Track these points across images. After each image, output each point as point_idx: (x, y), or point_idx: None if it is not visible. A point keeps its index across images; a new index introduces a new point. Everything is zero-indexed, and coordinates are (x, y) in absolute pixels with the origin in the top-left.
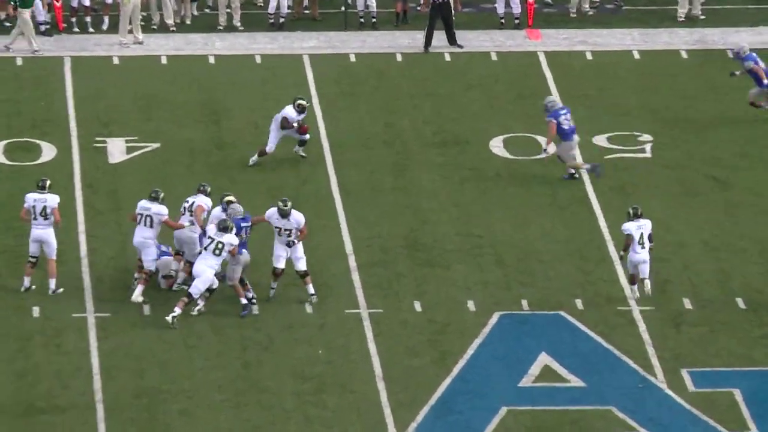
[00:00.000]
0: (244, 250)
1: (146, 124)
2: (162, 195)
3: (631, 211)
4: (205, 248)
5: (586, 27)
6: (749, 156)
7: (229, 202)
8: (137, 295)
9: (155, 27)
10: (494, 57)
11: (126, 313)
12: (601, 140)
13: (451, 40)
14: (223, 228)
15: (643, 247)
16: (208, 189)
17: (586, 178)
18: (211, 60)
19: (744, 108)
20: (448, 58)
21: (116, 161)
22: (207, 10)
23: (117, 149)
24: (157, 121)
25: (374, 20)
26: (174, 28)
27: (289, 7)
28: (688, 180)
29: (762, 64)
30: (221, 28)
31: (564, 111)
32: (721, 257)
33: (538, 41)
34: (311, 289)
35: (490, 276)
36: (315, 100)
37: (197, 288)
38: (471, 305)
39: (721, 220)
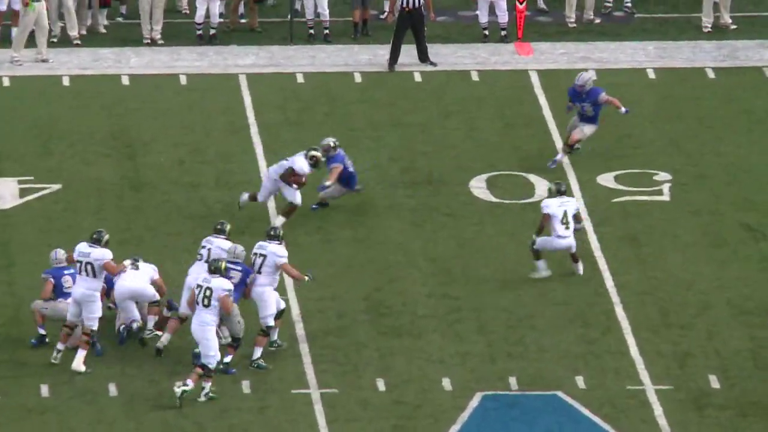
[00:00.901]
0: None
1: (44, 160)
2: (106, 237)
3: (553, 187)
4: (197, 301)
5: (590, 40)
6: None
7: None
8: (78, 363)
9: (55, 40)
10: (476, 77)
11: (20, 397)
12: (607, 180)
13: (423, 56)
14: (214, 270)
15: (567, 228)
16: (227, 228)
17: (588, 226)
18: (125, 80)
19: None
20: (418, 78)
21: (7, 206)
22: (120, 19)
23: (8, 191)
24: (58, 157)
25: (327, 32)
26: (78, 42)
27: (221, 16)
28: (714, 228)
29: None
30: (148, 40)
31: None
32: (754, 323)
33: (530, 57)
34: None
35: (471, 347)
36: (253, 130)
37: (211, 357)
38: (447, 383)
39: (754, 277)
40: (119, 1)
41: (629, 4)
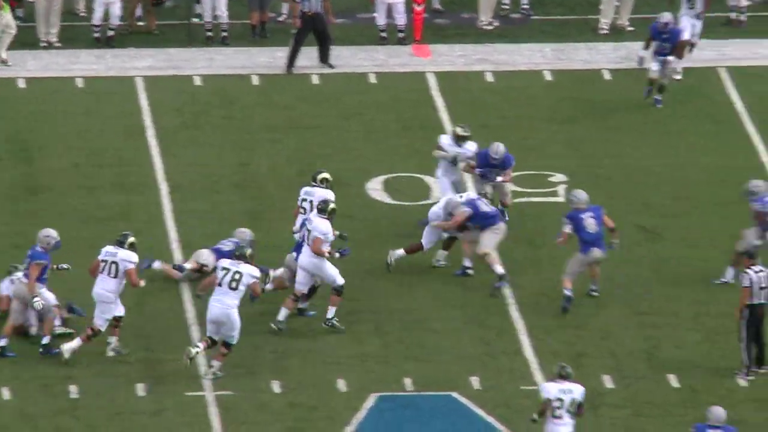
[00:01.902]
0: None
1: None
2: (131, 239)
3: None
4: (219, 283)
5: (487, 42)
6: (685, 199)
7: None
8: (68, 349)
9: None
10: (373, 79)
11: None
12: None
13: (324, 57)
14: (239, 255)
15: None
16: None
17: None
18: (21, 84)
19: (681, 141)
20: (316, 80)
21: None
22: (17, 22)
23: None
24: None
25: (225, 34)
26: None
27: (119, 18)
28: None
29: None
30: (44, 44)
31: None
32: (648, 323)
33: (428, 59)
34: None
35: (367, 348)
36: (150, 132)
37: (234, 337)
38: (342, 385)
39: (649, 278)
40: (15, 4)
41: (526, 6)
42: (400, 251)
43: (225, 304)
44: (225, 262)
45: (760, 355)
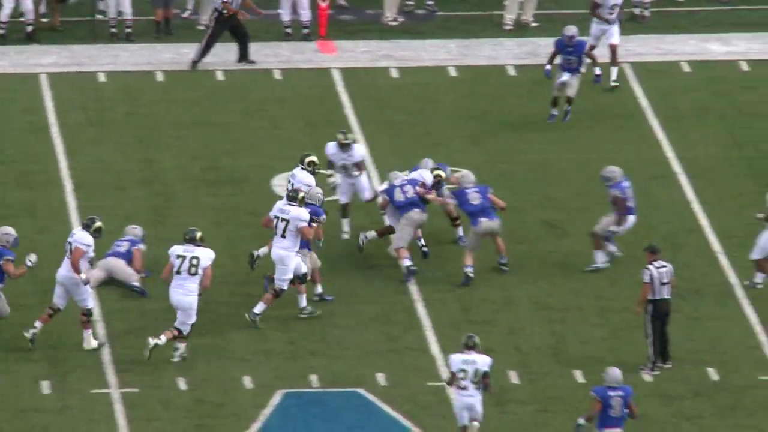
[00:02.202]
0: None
1: None
2: (97, 224)
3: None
4: (178, 271)
5: (391, 38)
6: (589, 194)
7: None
8: (89, 342)
9: None
10: (278, 75)
11: None
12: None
13: (244, 55)
14: (190, 239)
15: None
16: (198, 235)
17: (387, 220)
18: None
19: (586, 136)
20: (221, 77)
21: None
22: None
23: None
24: None
25: (129, 30)
26: None
27: (21, 15)
28: (516, 225)
29: None
30: None
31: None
32: (554, 319)
33: (333, 55)
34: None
35: (273, 345)
36: (54, 130)
37: (186, 324)
38: (248, 381)
39: (554, 273)
40: None
41: (431, 2)
42: (372, 233)
43: (187, 290)
44: (178, 250)
45: (664, 350)
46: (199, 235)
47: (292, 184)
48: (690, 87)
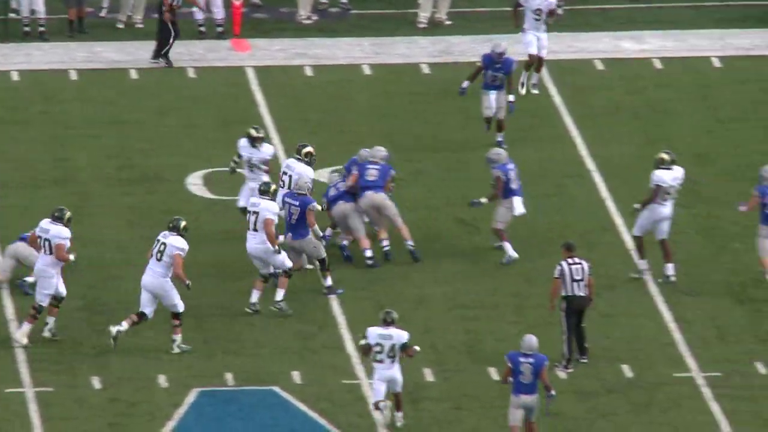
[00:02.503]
0: None
1: None
2: (68, 215)
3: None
4: (152, 254)
5: (306, 36)
6: None
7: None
8: (22, 335)
9: None
10: (192, 74)
11: None
12: (324, 175)
13: (157, 53)
14: (173, 227)
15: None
16: (182, 224)
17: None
18: None
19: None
20: (134, 75)
21: None
22: None
23: None
24: None
25: (42, 29)
26: None
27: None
28: (429, 223)
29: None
30: None
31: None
32: (468, 317)
33: (247, 54)
34: None
35: (187, 343)
36: None
37: (174, 305)
38: (162, 380)
39: (468, 271)
40: None
41: (345, 1)
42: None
43: (155, 273)
44: (161, 235)
45: (581, 345)
46: (183, 224)
47: (290, 176)
48: (604, 85)
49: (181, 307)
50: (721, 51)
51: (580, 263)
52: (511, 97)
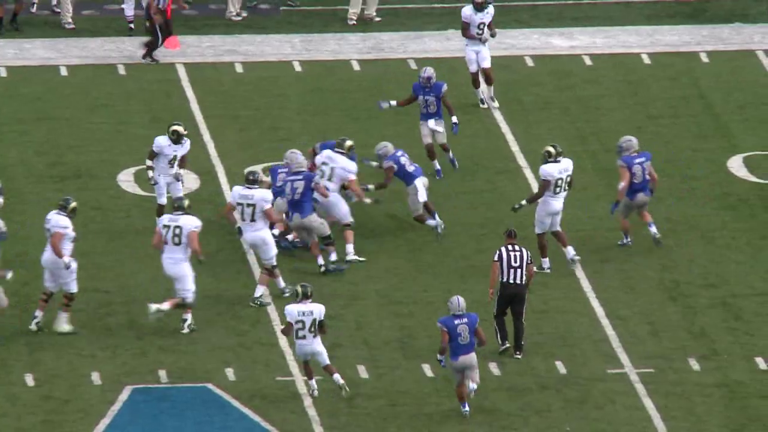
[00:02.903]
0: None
1: None
2: (72, 205)
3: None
4: (166, 241)
5: (236, 33)
6: (438, 187)
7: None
8: (61, 324)
9: None
10: (122, 71)
11: None
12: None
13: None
14: (178, 207)
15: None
16: (186, 203)
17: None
18: None
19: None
20: (64, 72)
21: None
22: None
23: None
24: None
25: None
26: None
27: None
28: (365, 219)
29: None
30: None
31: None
32: (402, 313)
33: (177, 50)
34: None
35: (121, 341)
36: None
37: (188, 291)
38: (96, 377)
39: (402, 267)
40: None
41: None
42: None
43: (176, 259)
44: (165, 219)
45: (518, 341)
46: (186, 203)
47: (331, 168)
48: (533, 81)
49: (192, 295)
50: (651, 47)
51: (519, 251)
52: (454, 119)
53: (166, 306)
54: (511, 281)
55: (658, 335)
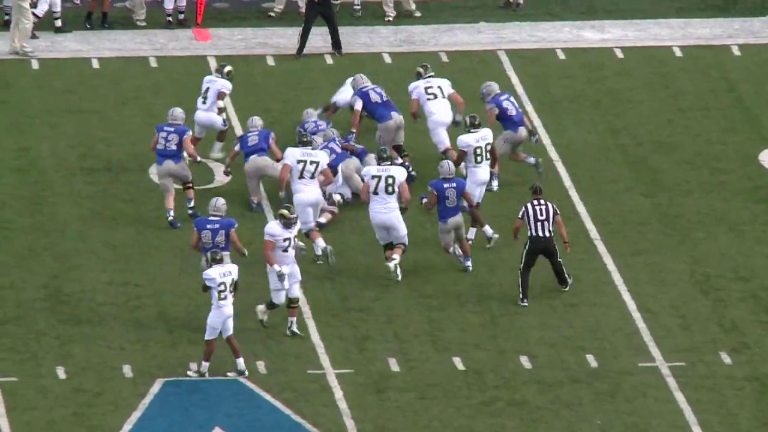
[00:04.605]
0: None
1: None
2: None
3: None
4: (376, 191)
5: (267, 26)
6: None
7: None
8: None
9: None
10: (154, 63)
11: None
12: None
13: (335, 45)
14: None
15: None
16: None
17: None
18: None
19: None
20: (95, 64)
21: None
22: None
23: None
24: None
25: (8, 17)
26: None
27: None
28: None
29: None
30: None
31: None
32: (432, 306)
33: (208, 43)
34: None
35: (152, 334)
36: None
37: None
38: (127, 370)
39: (431, 260)
40: None
41: None
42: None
43: (390, 208)
44: (381, 170)
45: (562, 277)
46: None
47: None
48: (565, 74)
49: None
50: (682, 40)
51: (545, 204)
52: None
53: (396, 257)
54: (539, 234)
55: (689, 328)
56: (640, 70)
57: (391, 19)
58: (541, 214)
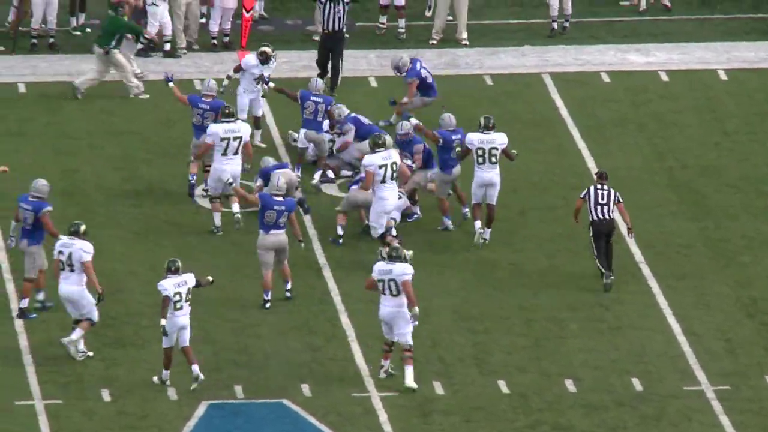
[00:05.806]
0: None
1: None
2: (83, 228)
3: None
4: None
5: (311, 48)
6: (512, 205)
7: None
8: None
9: None
10: (198, 85)
11: None
12: None
13: (333, 82)
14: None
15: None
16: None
17: (314, 237)
18: None
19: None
20: (140, 88)
21: None
22: None
23: None
24: None
25: (52, 41)
26: None
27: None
28: (434, 235)
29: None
30: None
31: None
32: (477, 329)
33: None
34: None
35: (197, 356)
36: None
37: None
38: (172, 393)
39: (475, 283)
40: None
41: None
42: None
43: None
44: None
45: (609, 262)
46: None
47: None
48: (610, 97)
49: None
50: (727, 64)
51: (608, 189)
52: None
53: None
54: (601, 217)
55: (734, 352)
56: (685, 94)
57: (435, 42)
58: (602, 198)
